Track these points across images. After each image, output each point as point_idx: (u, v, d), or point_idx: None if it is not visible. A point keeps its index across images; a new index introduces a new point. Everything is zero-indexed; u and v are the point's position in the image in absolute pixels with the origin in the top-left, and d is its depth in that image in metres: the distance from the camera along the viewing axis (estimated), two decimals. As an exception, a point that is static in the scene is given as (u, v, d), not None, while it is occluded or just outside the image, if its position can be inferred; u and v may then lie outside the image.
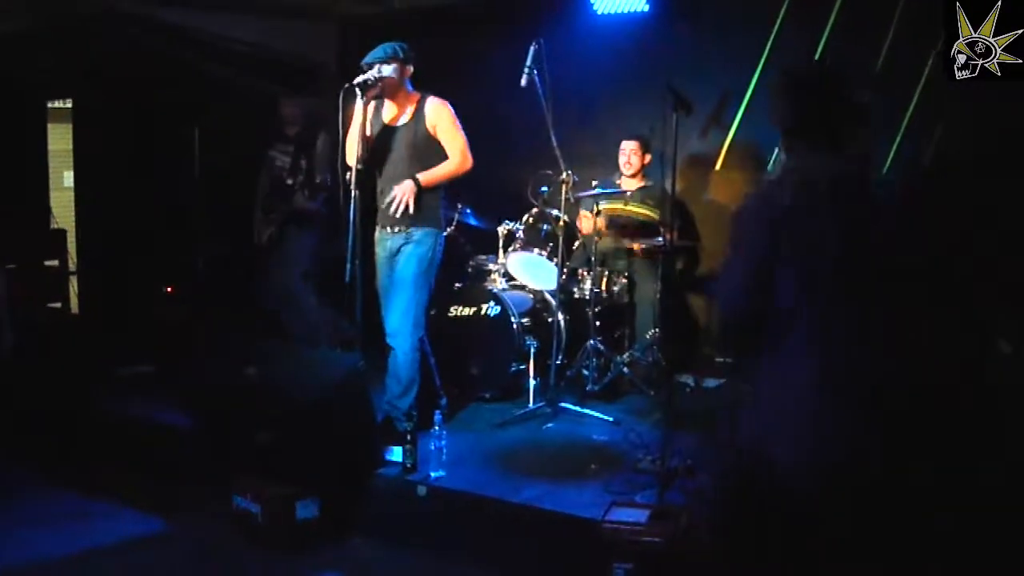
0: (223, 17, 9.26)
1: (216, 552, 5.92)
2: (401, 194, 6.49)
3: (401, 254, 6.64)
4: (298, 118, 8.55)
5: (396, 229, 6.65)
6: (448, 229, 7.61)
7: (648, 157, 8.59)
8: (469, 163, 6.66)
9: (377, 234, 6.80)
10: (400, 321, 6.55)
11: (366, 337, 6.58)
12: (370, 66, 6.47)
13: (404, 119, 6.66)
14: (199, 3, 8.98)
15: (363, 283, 6.43)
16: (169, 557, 5.87)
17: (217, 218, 8.75)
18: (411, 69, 6.64)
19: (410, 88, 6.69)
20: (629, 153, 8.57)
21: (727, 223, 7.27)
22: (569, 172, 7.48)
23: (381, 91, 6.53)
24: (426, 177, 6.55)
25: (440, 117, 6.61)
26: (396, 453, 6.12)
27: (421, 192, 6.54)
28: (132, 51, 8.92)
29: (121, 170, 9.51)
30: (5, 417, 7.07)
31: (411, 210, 6.53)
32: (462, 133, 6.66)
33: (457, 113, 6.69)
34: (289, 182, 8.38)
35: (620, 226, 8.48)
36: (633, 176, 8.61)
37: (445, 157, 6.64)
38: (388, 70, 6.46)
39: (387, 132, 6.71)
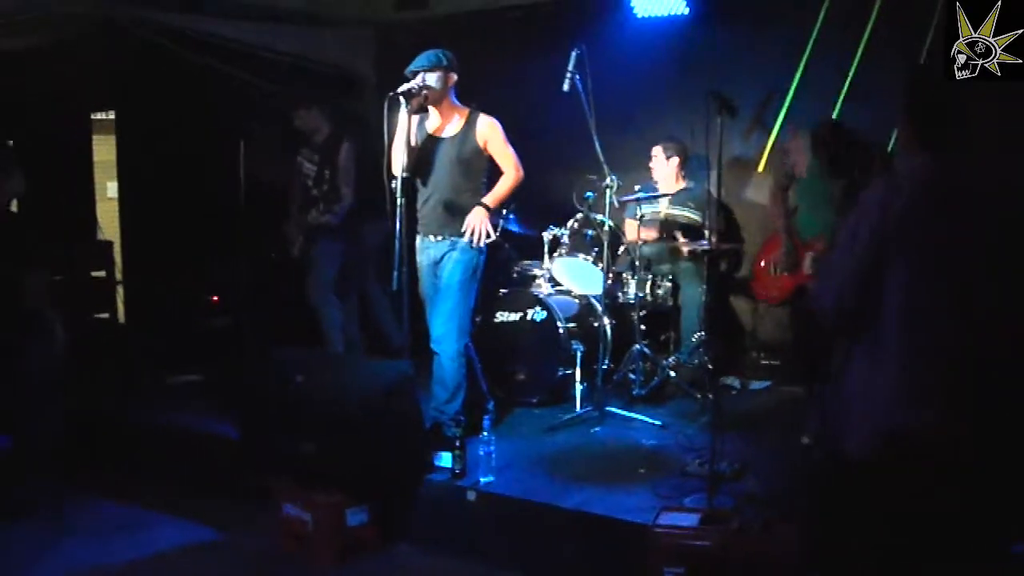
0: (263, 27, 9.28)
1: (266, 560, 5.96)
2: (478, 223, 6.51)
3: (446, 261, 6.65)
4: (321, 126, 8.53)
5: (440, 237, 6.67)
6: (493, 236, 7.63)
7: (675, 160, 8.55)
8: (522, 175, 6.69)
9: (419, 242, 6.83)
10: (445, 327, 6.56)
11: (413, 344, 6.60)
12: (414, 74, 6.48)
13: (452, 131, 6.67)
14: (238, 14, 9.00)
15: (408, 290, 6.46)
16: (218, 566, 5.92)
17: (262, 227, 8.76)
18: (455, 77, 6.63)
19: (454, 98, 6.70)
20: (653, 159, 8.58)
21: (770, 224, 7.26)
22: (613, 177, 7.47)
23: (425, 100, 6.53)
24: (492, 199, 6.61)
25: (492, 135, 6.63)
26: (445, 459, 6.12)
27: (468, 195, 6.59)
28: (174, 62, 8.96)
29: (165, 181, 9.57)
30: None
31: (450, 210, 6.58)
32: (511, 149, 6.69)
33: (502, 124, 6.71)
34: (314, 193, 8.39)
35: (664, 229, 8.47)
36: (664, 182, 8.59)
37: (487, 170, 6.68)
38: (432, 79, 6.47)
39: (432, 142, 6.72)
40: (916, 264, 3.45)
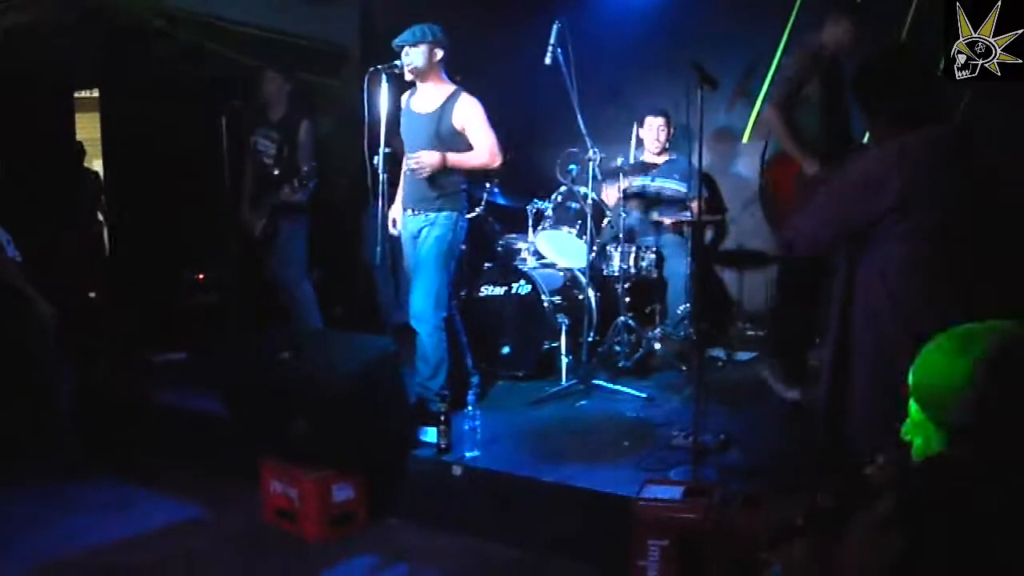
0: (245, 2, 9.26)
1: (253, 537, 5.97)
2: (427, 159, 6.48)
3: (422, 237, 6.64)
4: (281, 100, 8.35)
5: (417, 211, 6.67)
6: (477, 210, 7.63)
7: (672, 131, 8.58)
8: (497, 161, 6.63)
9: (401, 217, 6.82)
10: (423, 303, 6.55)
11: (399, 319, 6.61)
12: (400, 48, 6.46)
13: (431, 107, 6.64)
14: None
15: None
16: (206, 543, 5.90)
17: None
18: (440, 53, 6.57)
19: (443, 74, 6.66)
20: (657, 129, 8.58)
21: (755, 195, 7.25)
22: (596, 150, 7.46)
23: (411, 75, 6.52)
24: (454, 158, 6.52)
25: (469, 114, 6.55)
26: (430, 434, 6.13)
27: (446, 170, 6.54)
28: (157, 39, 8.94)
29: (149, 158, 9.55)
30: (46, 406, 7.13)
31: (429, 186, 6.56)
32: (490, 132, 6.60)
33: (486, 100, 6.65)
34: (276, 172, 8.19)
35: (647, 201, 8.48)
36: (659, 152, 8.60)
37: (467, 149, 6.62)
38: (417, 54, 6.45)
39: (415, 118, 6.70)
40: (906, 226, 3.45)
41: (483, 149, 6.57)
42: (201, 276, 9.69)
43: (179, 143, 9.42)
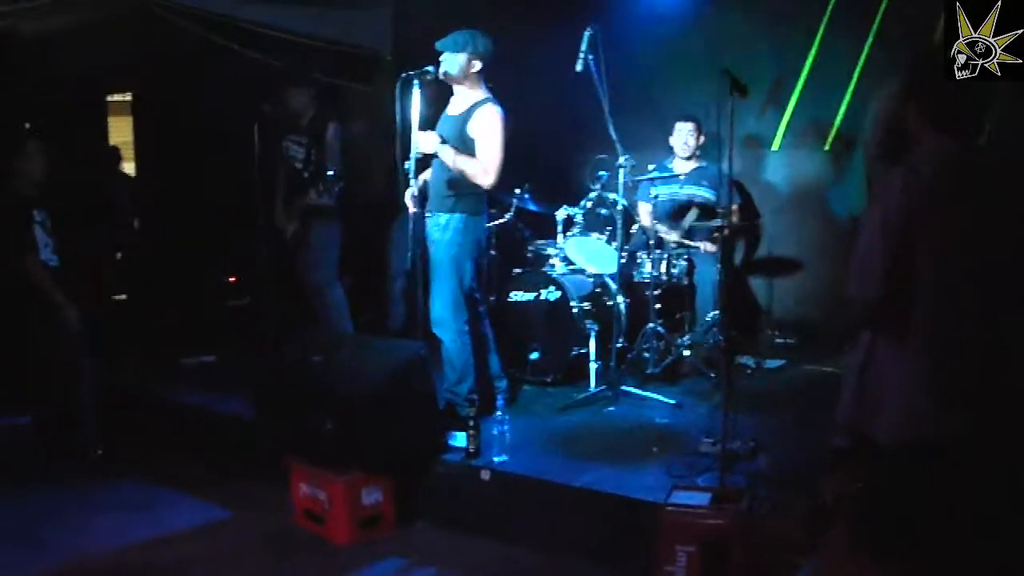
0: (278, 8, 9.27)
1: (282, 538, 6.01)
2: (423, 137, 6.47)
3: (436, 239, 6.65)
4: (308, 108, 8.38)
5: (433, 213, 6.68)
6: (506, 216, 7.63)
7: (702, 138, 8.58)
8: (490, 179, 6.50)
9: (427, 219, 6.83)
10: (441, 309, 6.57)
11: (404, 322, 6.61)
12: (440, 51, 6.47)
13: (458, 110, 6.65)
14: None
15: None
16: (233, 544, 5.96)
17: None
18: (479, 65, 6.56)
19: (480, 82, 6.66)
20: (686, 134, 8.57)
21: (786, 202, 7.23)
22: (627, 156, 7.46)
23: (443, 78, 6.52)
24: (451, 152, 6.47)
25: (484, 125, 6.50)
26: (459, 438, 6.15)
27: (443, 155, 6.49)
28: (189, 44, 8.98)
29: (182, 162, 9.61)
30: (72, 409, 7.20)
31: (443, 186, 6.57)
32: (496, 149, 6.50)
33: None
34: (305, 176, 8.20)
35: (678, 208, 8.49)
36: (689, 158, 8.61)
37: None
38: (452, 61, 6.47)
39: (447, 120, 6.72)
40: (942, 249, 3.44)
41: (481, 161, 6.49)
42: (233, 279, 9.74)
43: (211, 147, 9.46)
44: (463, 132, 6.54)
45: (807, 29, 8.52)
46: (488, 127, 6.51)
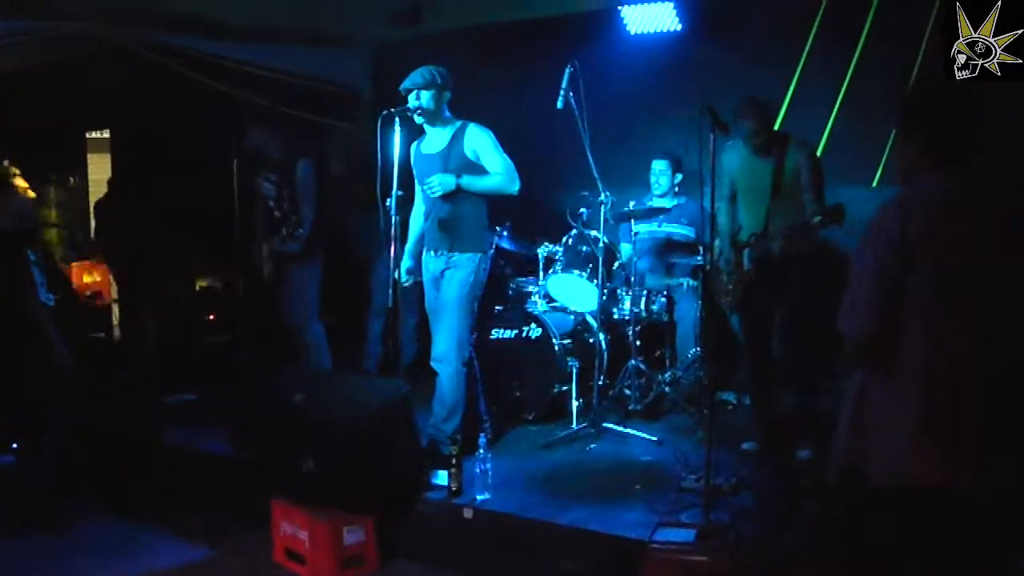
0: (256, 46, 9.29)
1: (263, 578, 5.96)
2: (437, 182, 6.48)
3: (444, 278, 6.65)
4: (280, 144, 8.38)
5: (439, 252, 6.67)
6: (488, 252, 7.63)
7: (679, 175, 8.59)
8: (516, 184, 6.59)
9: (424, 257, 6.83)
10: (446, 345, 6.56)
11: (414, 360, 6.61)
12: (408, 92, 6.50)
13: (440, 146, 6.66)
14: (233, 33, 9.01)
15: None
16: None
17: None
18: (448, 94, 6.64)
19: (447, 114, 6.69)
20: (659, 173, 8.59)
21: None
22: (607, 193, 7.47)
23: (420, 117, 6.54)
24: (467, 181, 6.51)
25: (480, 142, 6.58)
26: (441, 477, 6.13)
27: (459, 192, 6.52)
28: (169, 81, 8.99)
29: (160, 198, 9.58)
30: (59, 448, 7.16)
31: (450, 226, 6.57)
32: (505, 156, 6.61)
33: (498, 138, 6.68)
34: (277, 215, 8.23)
35: (658, 246, 8.50)
36: (664, 195, 8.61)
37: None
38: (426, 96, 6.48)
39: (425, 159, 6.74)
40: (934, 286, 3.44)
41: (499, 172, 6.55)
42: (212, 317, 9.71)
43: (189, 183, 9.45)
44: (451, 162, 6.57)
45: (787, 65, 8.55)
46: (486, 141, 6.60)
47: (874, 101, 7.51)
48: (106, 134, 10.97)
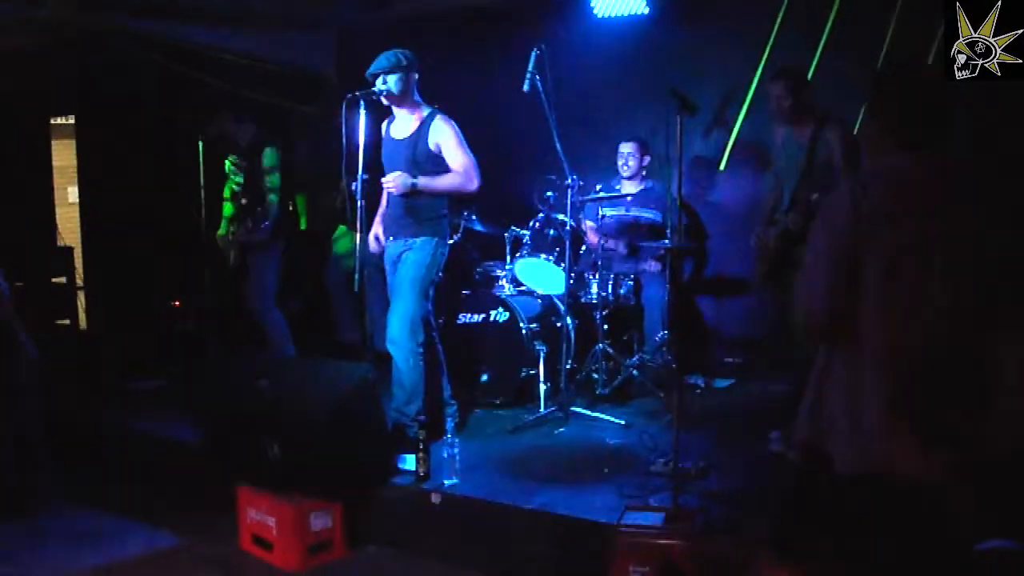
0: (222, 30, 9.23)
1: (230, 566, 5.92)
2: (393, 182, 6.47)
3: (401, 261, 6.64)
4: (247, 129, 8.34)
5: (397, 237, 6.67)
6: (455, 237, 7.59)
7: (647, 159, 8.58)
8: (475, 183, 6.57)
9: (386, 244, 6.81)
10: (398, 328, 6.53)
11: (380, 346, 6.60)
12: (375, 76, 6.47)
13: (406, 132, 6.64)
14: (197, 17, 8.95)
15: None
16: (181, 571, 5.88)
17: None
18: (415, 77, 6.60)
19: (417, 98, 6.66)
20: (627, 156, 8.57)
21: (733, 222, 7.24)
22: (574, 177, 7.45)
23: (387, 100, 6.52)
24: (425, 181, 6.49)
25: (443, 135, 6.54)
26: (409, 461, 6.11)
27: (420, 194, 6.52)
28: (133, 66, 8.92)
29: (126, 184, 9.52)
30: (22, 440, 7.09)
31: (408, 212, 6.56)
32: (468, 152, 6.58)
33: (463, 127, 6.64)
34: (243, 202, 8.23)
35: (625, 229, 8.49)
36: (632, 178, 8.60)
37: (445, 173, 6.60)
38: (392, 80, 6.45)
39: (392, 144, 6.72)
40: (890, 266, 3.43)
41: (459, 170, 6.54)
42: (178, 303, 9.65)
43: (155, 169, 9.39)
44: (417, 152, 6.55)
45: (754, 49, 8.56)
46: (449, 135, 6.55)
47: (841, 84, 7.50)
48: (71, 120, 10.88)
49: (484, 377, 7.88)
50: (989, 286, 3.44)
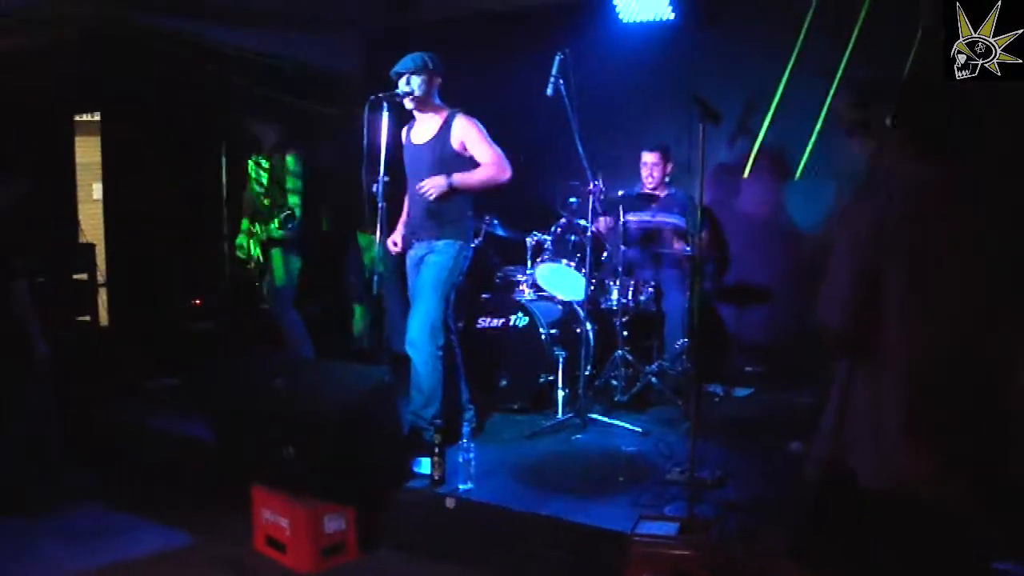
0: (248, 30, 9.25)
1: (242, 565, 5.91)
2: (430, 185, 6.48)
3: (423, 263, 6.63)
4: (271, 131, 8.37)
5: (421, 239, 6.66)
6: (476, 240, 7.57)
7: (670, 167, 8.54)
8: (507, 173, 6.57)
9: (403, 247, 6.80)
10: (419, 331, 6.52)
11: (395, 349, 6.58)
12: (399, 76, 6.46)
13: (429, 134, 6.64)
14: (224, 17, 8.97)
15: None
16: (195, 571, 5.86)
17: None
18: (439, 80, 6.61)
19: (438, 101, 6.66)
20: (651, 166, 8.53)
21: (756, 230, 7.19)
22: (596, 182, 7.42)
23: (410, 102, 6.51)
24: (460, 179, 6.49)
25: (466, 133, 6.55)
26: (424, 465, 6.09)
27: (453, 193, 6.52)
28: (159, 65, 8.93)
29: (149, 182, 9.53)
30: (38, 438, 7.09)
31: (432, 214, 6.56)
32: (493, 145, 6.59)
33: (487, 127, 6.64)
34: (266, 202, 8.20)
35: (647, 235, 8.46)
36: (655, 188, 8.56)
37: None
38: (416, 82, 6.45)
39: (415, 149, 6.73)
40: (914, 276, 3.40)
41: (488, 163, 6.54)
42: (198, 301, 9.66)
43: (179, 168, 9.40)
44: (443, 153, 6.56)
45: (781, 53, 8.52)
46: (473, 131, 6.57)
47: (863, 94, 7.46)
48: (96, 117, 10.90)
49: (503, 382, 7.85)
50: (995, 288, 3.41)
